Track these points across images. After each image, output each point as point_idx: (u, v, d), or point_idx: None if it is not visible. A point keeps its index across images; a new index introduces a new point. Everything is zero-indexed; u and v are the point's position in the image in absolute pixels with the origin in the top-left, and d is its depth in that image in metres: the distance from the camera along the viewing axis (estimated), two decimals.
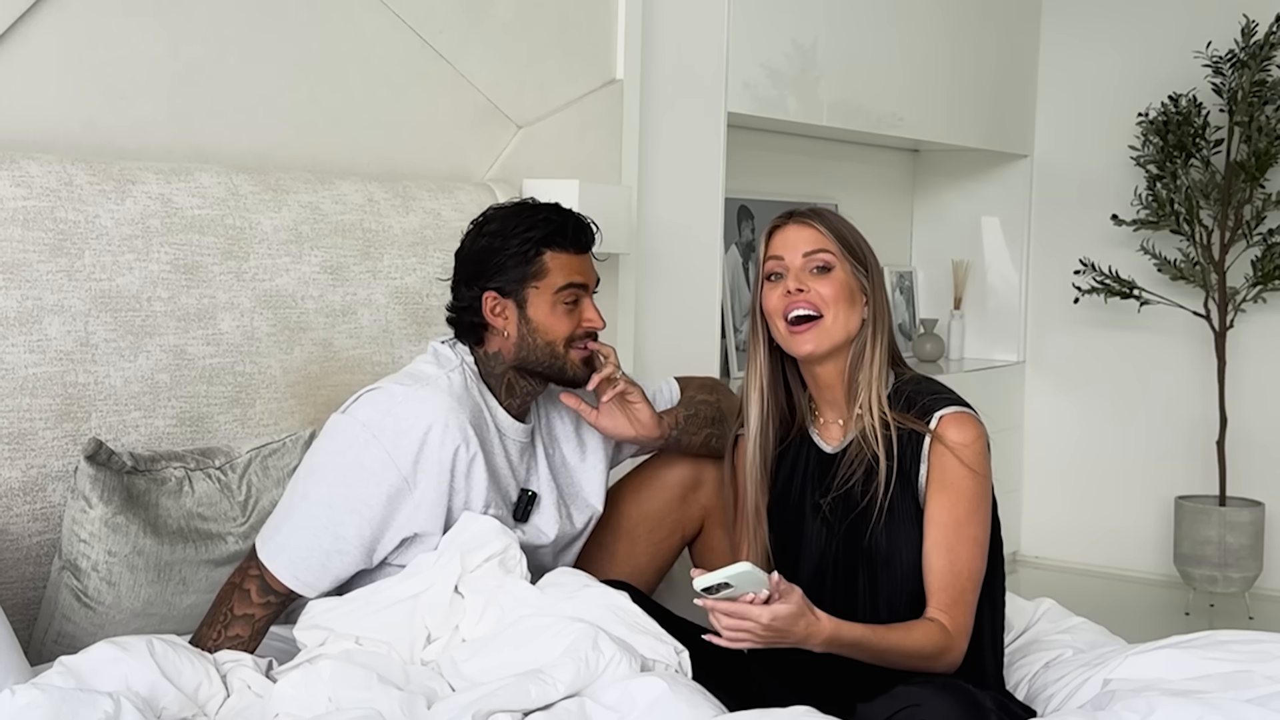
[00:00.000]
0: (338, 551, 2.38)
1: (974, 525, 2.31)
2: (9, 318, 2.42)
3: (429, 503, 2.39)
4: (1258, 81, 5.04)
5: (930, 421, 2.33)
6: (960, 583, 2.29)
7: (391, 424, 2.38)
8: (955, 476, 2.31)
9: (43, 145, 2.60)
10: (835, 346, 2.38)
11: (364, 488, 2.37)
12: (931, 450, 2.32)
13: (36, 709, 1.85)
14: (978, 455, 2.32)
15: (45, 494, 2.47)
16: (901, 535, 2.34)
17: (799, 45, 4.36)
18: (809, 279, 2.38)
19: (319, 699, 2.07)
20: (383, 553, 2.42)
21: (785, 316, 2.37)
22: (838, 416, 2.45)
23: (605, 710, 2.04)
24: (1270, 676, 2.14)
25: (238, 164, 2.89)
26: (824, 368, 2.41)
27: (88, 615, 2.41)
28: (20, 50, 2.56)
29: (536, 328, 2.46)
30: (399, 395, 2.41)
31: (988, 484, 2.34)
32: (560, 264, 2.46)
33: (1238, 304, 5.19)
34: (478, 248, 2.50)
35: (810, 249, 2.39)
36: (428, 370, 2.47)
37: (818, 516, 2.43)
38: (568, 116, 3.62)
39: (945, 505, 2.31)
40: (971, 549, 2.31)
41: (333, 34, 3.08)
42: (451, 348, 2.52)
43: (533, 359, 2.47)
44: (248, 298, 2.77)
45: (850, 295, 2.38)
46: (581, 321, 2.48)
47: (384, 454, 2.36)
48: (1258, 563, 5.13)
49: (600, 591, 2.30)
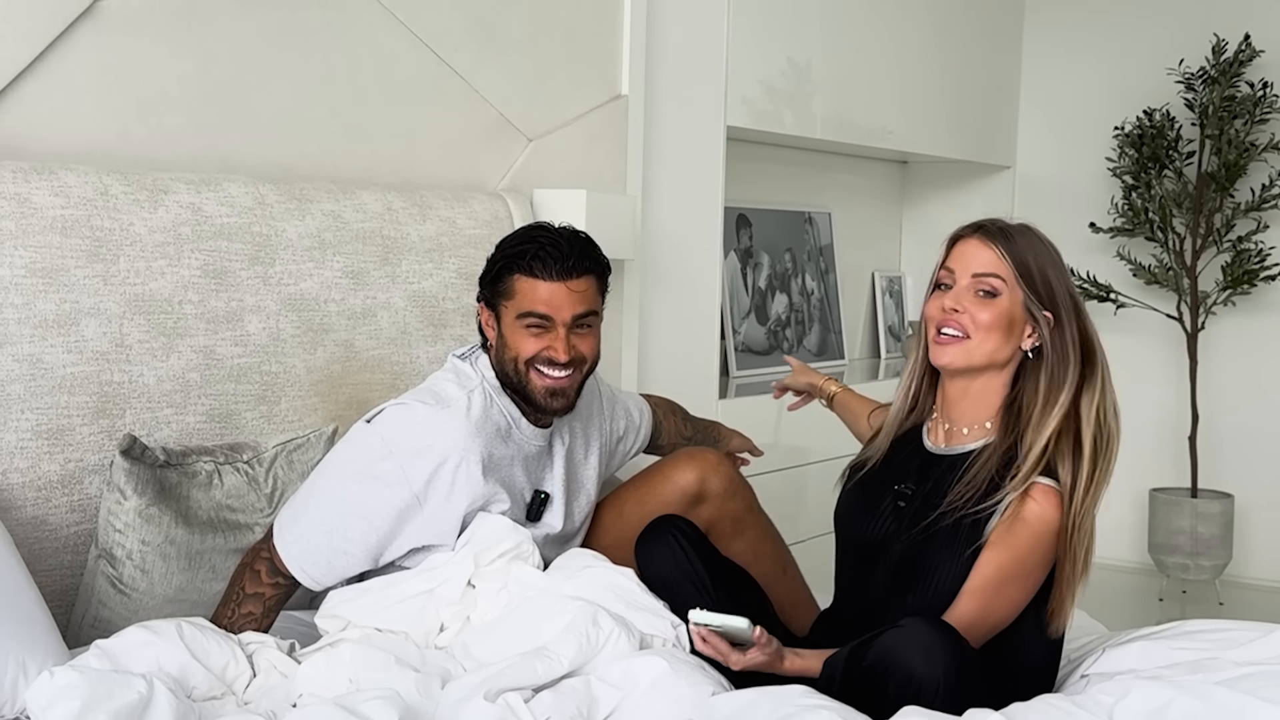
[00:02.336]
0: (344, 553, 2.37)
1: (1015, 588, 2.22)
2: (48, 320, 2.42)
3: (438, 520, 2.36)
4: (1227, 97, 5.03)
5: (1025, 484, 2.21)
6: (975, 631, 2.19)
7: (409, 443, 2.35)
8: (1019, 543, 2.20)
9: (80, 157, 2.60)
10: (973, 367, 2.29)
11: (376, 498, 2.35)
12: (1011, 509, 2.21)
13: (74, 689, 1.85)
14: (1048, 534, 2.21)
15: (82, 486, 2.47)
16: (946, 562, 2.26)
17: (794, 63, 4.36)
18: (970, 301, 2.27)
19: (340, 680, 2.08)
20: (389, 558, 2.41)
21: (938, 328, 2.29)
22: (947, 423, 2.37)
23: (609, 688, 2.05)
24: (1238, 662, 2.14)
25: (264, 175, 2.89)
26: (954, 382, 2.34)
27: (122, 601, 2.41)
28: (58, 68, 2.56)
29: (506, 343, 2.42)
30: (420, 415, 2.37)
31: (1045, 561, 2.22)
32: (525, 289, 2.38)
33: (1209, 307, 5.18)
34: (489, 258, 2.49)
35: (982, 271, 2.27)
36: (450, 390, 2.42)
37: (895, 500, 2.37)
38: (576, 130, 3.61)
39: (997, 561, 2.21)
40: (1005, 607, 2.22)
41: (353, 52, 3.08)
42: (472, 363, 2.47)
43: (505, 371, 2.43)
44: (273, 301, 2.77)
45: (1009, 325, 2.26)
46: (547, 348, 2.38)
47: (398, 469, 2.34)
48: (1227, 551, 5.13)
49: (600, 570, 2.30)
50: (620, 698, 2.03)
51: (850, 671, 2.07)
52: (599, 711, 2.02)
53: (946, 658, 2.00)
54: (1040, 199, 5.70)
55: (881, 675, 2.02)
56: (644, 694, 2.03)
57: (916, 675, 1.99)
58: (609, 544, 2.67)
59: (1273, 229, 5.18)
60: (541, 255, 2.37)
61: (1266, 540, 5.33)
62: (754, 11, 4.15)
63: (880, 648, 2.04)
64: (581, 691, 2.03)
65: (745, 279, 4.76)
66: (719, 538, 2.67)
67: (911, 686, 1.99)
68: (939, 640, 2.02)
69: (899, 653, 2.01)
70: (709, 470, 2.68)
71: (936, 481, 2.32)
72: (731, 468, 2.74)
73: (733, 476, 2.72)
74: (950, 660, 2.00)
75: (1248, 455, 5.34)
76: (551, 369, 2.39)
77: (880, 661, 2.02)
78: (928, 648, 2.00)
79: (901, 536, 2.32)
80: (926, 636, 2.02)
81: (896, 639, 2.03)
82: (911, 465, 2.39)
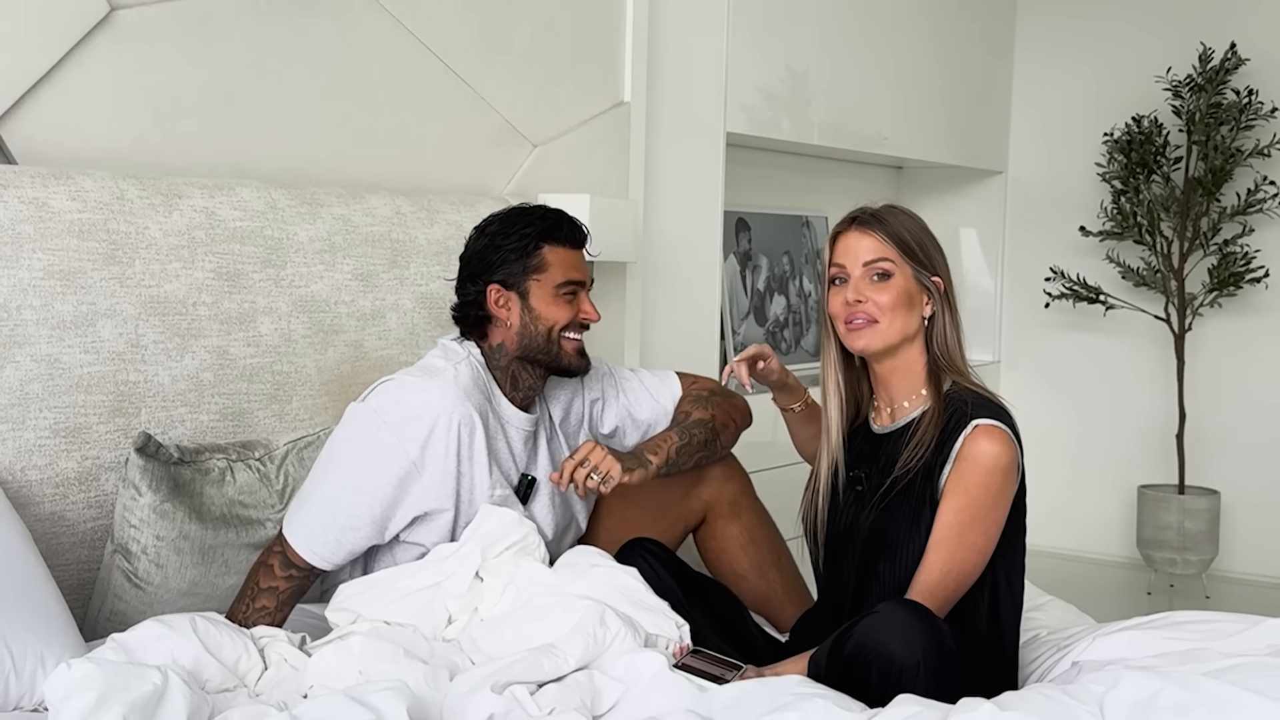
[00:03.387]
0: (350, 528, 2.39)
1: (977, 532, 2.23)
2: (66, 321, 2.42)
3: (436, 484, 2.39)
4: (1214, 104, 5.02)
5: (965, 428, 2.25)
6: (947, 582, 2.22)
7: (401, 411, 2.39)
8: (971, 483, 2.23)
9: (96, 163, 2.60)
10: (889, 346, 2.33)
11: (375, 469, 2.38)
12: (959, 454, 2.25)
13: (91, 681, 1.85)
14: (997, 469, 2.23)
15: (99, 483, 2.47)
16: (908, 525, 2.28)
17: (792, 71, 4.36)
18: (868, 288, 2.32)
19: (350, 672, 2.07)
20: (394, 529, 2.43)
21: (846, 321, 2.33)
22: (889, 403, 2.40)
23: (612, 681, 2.05)
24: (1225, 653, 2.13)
25: (276, 179, 2.89)
26: (881, 363, 2.37)
27: (137, 595, 2.41)
28: (75, 76, 2.56)
29: (538, 316, 2.48)
30: (409, 386, 2.43)
31: (1000, 497, 2.24)
32: (559, 258, 2.49)
33: (1195, 309, 5.18)
34: (480, 247, 2.53)
35: (870, 258, 2.33)
36: (437, 364, 2.48)
37: (854, 489, 2.39)
38: (579, 136, 3.61)
39: (955, 508, 2.23)
40: (969, 554, 2.23)
41: (363, 60, 3.07)
42: (460, 344, 2.53)
43: (534, 346, 2.49)
44: (285, 303, 2.76)
45: (909, 300, 2.32)
46: (579, 313, 2.50)
47: (394, 439, 2.37)
48: (1214, 546, 5.12)
49: (607, 570, 2.30)
50: (623, 690, 2.03)
51: (834, 664, 2.08)
52: (603, 704, 2.02)
53: (923, 638, 2.00)
54: (1032, 203, 5.70)
55: (863, 663, 2.02)
56: (645, 686, 2.03)
57: (896, 659, 2.00)
58: (613, 526, 2.69)
59: (1258, 232, 5.18)
60: (563, 226, 2.51)
61: (1252, 535, 5.32)
62: (753, 21, 4.15)
63: (859, 635, 2.05)
64: (585, 684, 2.03)
65: (744, 281, 4.76)
66: (716, 518, 2.73)
67: (893, 671, 1.99)
68: (913, 621, 2.03)
69: (875, 638, 2.02)
70: None
71: (887, 457, 2.34)
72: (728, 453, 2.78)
73: (729, 462, 2.77)
74: (927, 640, 2.01)
75: (1234, 453, 5.34)
76: (578, 332, 2.51)
77: (860, 650, 2.03)
78: (903, 630, 2.01)
79: (865, 517, 2.34)
80: (900, 619, 2.04)
81: (873, 625, 2.04)
82: (864, 451, 2.41)
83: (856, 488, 2.39)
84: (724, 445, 2.72)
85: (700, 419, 2.67)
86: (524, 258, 2.48)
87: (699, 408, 2.71)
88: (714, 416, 2.70)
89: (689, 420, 2.66)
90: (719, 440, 2.69)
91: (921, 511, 2.27)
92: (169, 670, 1.91)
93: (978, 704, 1.86)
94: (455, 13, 3.27)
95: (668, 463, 2.54)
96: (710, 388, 2.79)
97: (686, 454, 2.59)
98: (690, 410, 2.70)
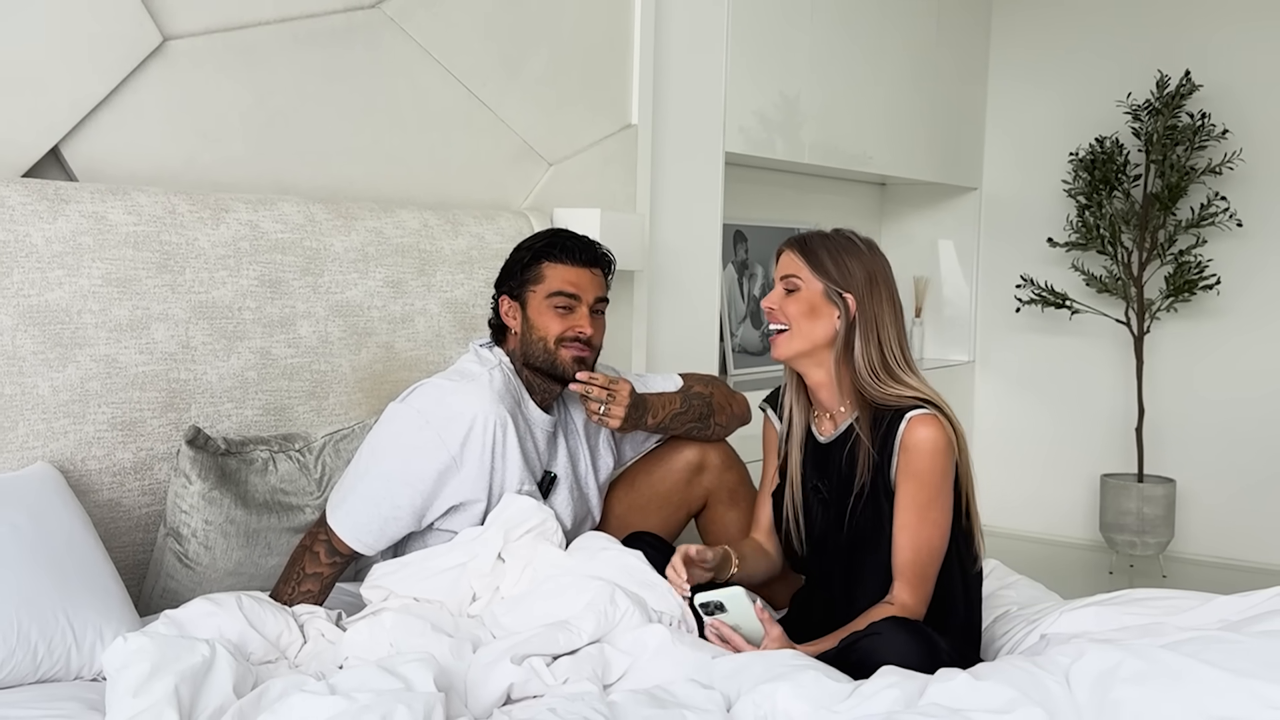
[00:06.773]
0: (394, 519, 2.39)
1: (935, 510, 2.25)
2: (122, 325, 2.42)
3: (473, 478, 2.38)
4: (1170, 126, 5.01)
5: (901, 423, 2.26)
6: (922, 559, 2.25)
7: (443, 412, 2.38)
8: (919, 469, 2.24)
9: (150, 179, 2.60)
10: (801, 352, 2.34)
11: (418, 464, 2.37)
12: (901, 446, 2.26)
13: (145, 653, 1.85)
14: (938, 451, 2.24)
15: (153, 472, 2.47)
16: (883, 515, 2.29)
17: (785, 96, 4.35)
18: (779, 299, 2.35)
19: (382, 644, 2.07)
20: (431, 518, 2.42)
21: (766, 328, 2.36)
22: (828, 411, 2.40)
23: (621, 654, 2.05)
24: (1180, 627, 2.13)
25: (314, 195, 2.89)
26: (807, 372, 2.38)
27: (188, 574, 2.41)
28: (131, 101, 2.56)
29: (533, 325, 2.47)
30: (449, 389, 2.41)
31: (947, 475, 2.26)
32: (556, 273, 2.46)
33: (1153, 313, 5.17)
34: (506, 261, 2.54)
35: (784, 273, 2.36)
36: (473, 368, 2.46)
37: (817, 498, 2.40)
38: (591, 155, 3.61)
39: (910, 492, 2.25)
40: (933, 531, 2.25)
41: (393, 86, 3.07)
42: (490, 350, 2.52)
43: (533, 354, 2.47)
44: (322, 308, 2.76)
45: (812, 310, 2.32)
46: (573, 326, 2.46)
47: (436, 436, 2.36)
48: (1170, 530, 5.11)
49: (616, 553, 2.30)
50: (630, 662, 2.03)
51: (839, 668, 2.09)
52: (612, 674, 2.02)
53: (920, 655, 2.03)
54: (1004, 216, 5.69)
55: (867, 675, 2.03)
56: (651, 658, 2.03)
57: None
58: (622, 512, 2.70)
59: (1210, 244, 5.17)
60: (568, 246, 2.48)
61: (1204, 520, 5.31)
62: (749, 50, 4.14)
63: (861, 654, 2.07)
64: (596, 657, 2.03)
65: (741, 288, 4.75)
66: (717, 505, 2.74)
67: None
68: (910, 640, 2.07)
69: (876, 658, 2.03)
70: (709, 445, 2.73)
71: (836, 463, 2.36)
72: (727, 445, 2.77)
73: (729, 453, 2.76)
74: (923, 657, 2.03)
75: (1188, 444, 5.33)
76: (577, 344, 2.46)
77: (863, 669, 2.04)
78: (903, 651, 2.03)
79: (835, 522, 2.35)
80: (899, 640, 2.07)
81: (875, 645, 2.07)
82: (815, 460, 2.41)
83: (819, 496, 2.40)
84: (717, 424, 2.72)
85: (700, 392, 2.70)
86: (525, 269, 2.48)
87: (701, 384, 2.74)
88: (713, 394, 2.72)
89: (691, 391, 2.70)
90: (713, 418, 2.70)
91: (882, 505, 2.29)
92: (216, 643, 1.91)
93: (954, 674, 1.86)
94: (478, 43, 3.26)
95: (659, 426, 2.61)
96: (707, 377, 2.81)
97: (680, 422, 2.65)
98: (693, 384, 2.73)
